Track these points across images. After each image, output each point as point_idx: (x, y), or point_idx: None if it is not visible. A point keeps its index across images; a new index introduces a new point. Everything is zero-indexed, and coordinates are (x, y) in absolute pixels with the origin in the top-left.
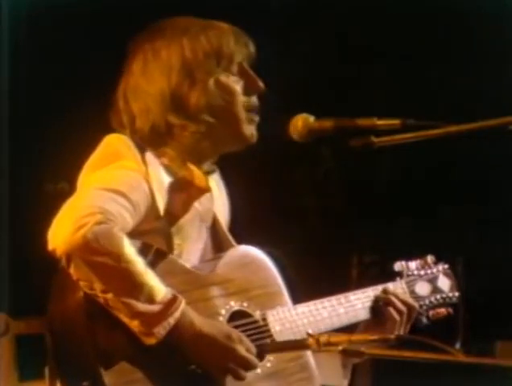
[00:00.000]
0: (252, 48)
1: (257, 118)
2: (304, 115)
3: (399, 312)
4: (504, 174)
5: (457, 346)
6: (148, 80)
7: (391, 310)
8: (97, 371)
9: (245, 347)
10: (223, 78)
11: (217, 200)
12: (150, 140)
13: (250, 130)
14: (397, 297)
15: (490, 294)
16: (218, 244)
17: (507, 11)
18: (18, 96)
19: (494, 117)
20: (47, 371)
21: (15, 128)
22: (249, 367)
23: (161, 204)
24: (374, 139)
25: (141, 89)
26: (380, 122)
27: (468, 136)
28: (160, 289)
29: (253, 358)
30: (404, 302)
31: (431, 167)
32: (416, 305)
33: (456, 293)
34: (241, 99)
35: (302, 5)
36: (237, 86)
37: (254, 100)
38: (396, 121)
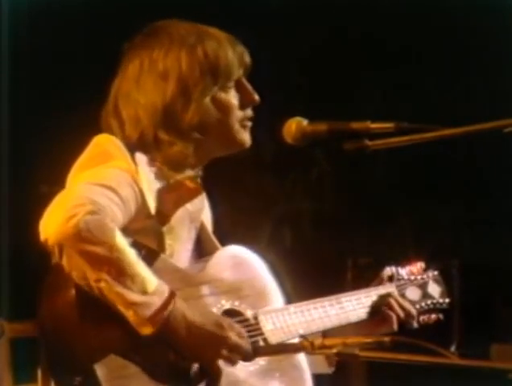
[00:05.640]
0: (248, 58)
1: (249, 124)
2: (298, 118)
3: (396, 314)
4: (500, 175)
5: (452, 348)
6: (141, 89)
7: (391, 314)
8: (89, 365)
9: (236, 333)
10: (219, 95)
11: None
12: (137, 147)
13: (243, 136)
14: (397, 301)
15: (485, 297)
16: (203, 249)
17: (506, 12)
18: (17, 97)
19: (489, 119)
20: (39, 372)
21: (14, 128)
22: (241, 351)
23: (152, 203)
24: (368, 142)
25: (132, 97)
26: (374, 125)
27: (464, 139)
28: (152, 280)
29: (244, 342)
30: (403, 307)
31: (426, 169)
32: (413, 310)
33: (447, 300)
34: (236, 114)
35: (301, 5)
36: (234, 100)
37: (249, 112)
38: (390, 125)
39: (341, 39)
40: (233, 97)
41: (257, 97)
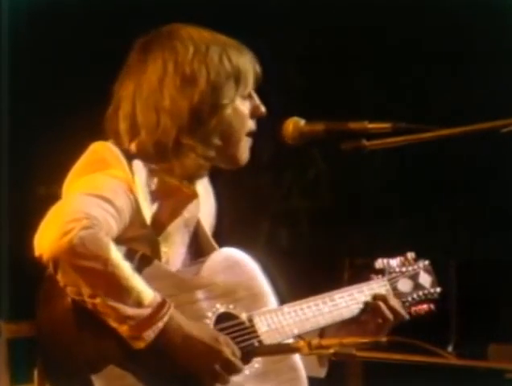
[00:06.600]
0: (259, 69)
1: (251, 142)
2: (295, 118)
3: (385, 319)
4: (497, 175)
5: (450, 348)
6: (165, 93)
7: (377, 316)
8: (87, 376)
9: (230, 350)
10: (239, 104)
11: (203, 203)
12: (150, 154)
13: (246, 154)
14: (386, 302)
15: (483, 297)
16: (200, 249)
17: (506, 12)
18: (17, 97)
19: (487, 119)
20: (35, 374)
21: (14, 128)
22: (233, 370)
23: (147, 214)
24: (366, 142)
25: (154, 101)
26: (371, 126)
27: (462, 138)
28: (148, 293)
29: (238, 362)
30: (393, 310)
31: (423, 169)
32: (403, 312)
33: (438, 289)
34: (248, 124)
35: (300, 6)
36: (247, 111)
37: (254, 124)
38: (387, 125)
39: (341, 39)
40: (246, 107)
41: (264, 110)
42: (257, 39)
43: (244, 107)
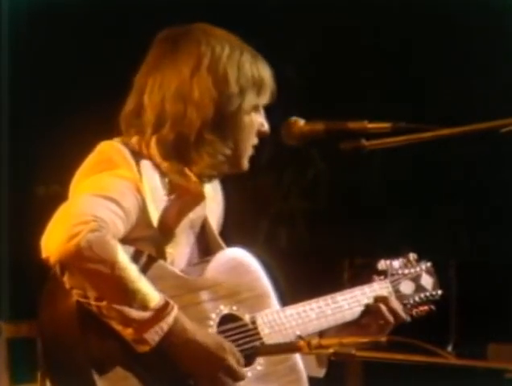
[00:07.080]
0: (274, 86)
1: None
2: (295, 118)
3: (386, 321)
4: (497, 175)
5: (449, 348)
6: (195, 86)
7: (378, 318)
8: (91, 377)
9: (235, 359)
10: (254, 116)
11: (211, 201)
12: (168, 149)
13: (247, 164)
14: (387, 305)
15: (482, 297)
16: (206, 247)
17: (506, 12)
18: (16, 97)
19: (487, 119)
20: (39, 375)
21: (14, 128)
22: (237, 378)
23: (154, 215)
24: (365, 142)
25: (185, 93)
26: (371, 125)
27: (462, 138)
28: (154, 296)
29: (241, 370)
30: (394, 312)
31: (423, 169)
32: (404, 315)
33: (439, 291)
34: (254, 139)
35: (300, 6)
36: (257, 126)
37: (256, 139)
38: (387, 125)
39: (341, 39)
40: (257, 123)
41: (268, 129)
42: (257, 38)
43: (256, 122)
